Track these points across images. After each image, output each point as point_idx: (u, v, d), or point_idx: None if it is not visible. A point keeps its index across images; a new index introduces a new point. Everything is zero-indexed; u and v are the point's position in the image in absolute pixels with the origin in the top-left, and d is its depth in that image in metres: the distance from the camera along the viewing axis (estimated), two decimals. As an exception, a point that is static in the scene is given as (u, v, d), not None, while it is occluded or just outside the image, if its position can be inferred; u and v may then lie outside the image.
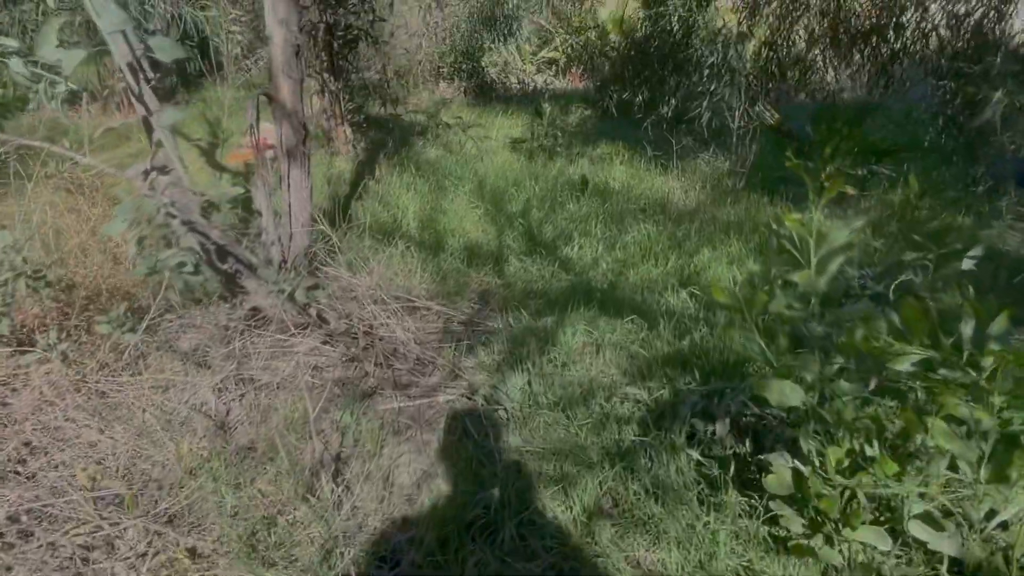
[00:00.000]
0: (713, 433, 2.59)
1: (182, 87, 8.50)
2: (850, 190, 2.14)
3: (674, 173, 6.50)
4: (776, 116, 6.08)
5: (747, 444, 2.53)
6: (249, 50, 8.99)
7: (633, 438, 2.71)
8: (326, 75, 6.31)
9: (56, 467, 2.58)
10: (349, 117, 6.65)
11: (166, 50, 2.86)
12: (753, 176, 6.33)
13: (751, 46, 6.14)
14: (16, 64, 2.76)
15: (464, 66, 9.69)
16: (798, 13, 5.96)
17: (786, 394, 2.03)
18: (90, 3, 2.72)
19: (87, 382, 2.92)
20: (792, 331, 2.13)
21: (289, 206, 3.57)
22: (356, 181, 5.64)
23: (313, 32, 5.94)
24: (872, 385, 2.01)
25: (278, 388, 3.14)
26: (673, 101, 6.85)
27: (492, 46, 9.77)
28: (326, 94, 6.54)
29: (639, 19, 7.91)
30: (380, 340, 3.53)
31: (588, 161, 6.97)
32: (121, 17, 2.68)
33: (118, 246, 3.45)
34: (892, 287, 2.47)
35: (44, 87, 2.87)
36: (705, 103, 5.70)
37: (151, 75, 2.99)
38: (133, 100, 2.99)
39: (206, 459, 2.60)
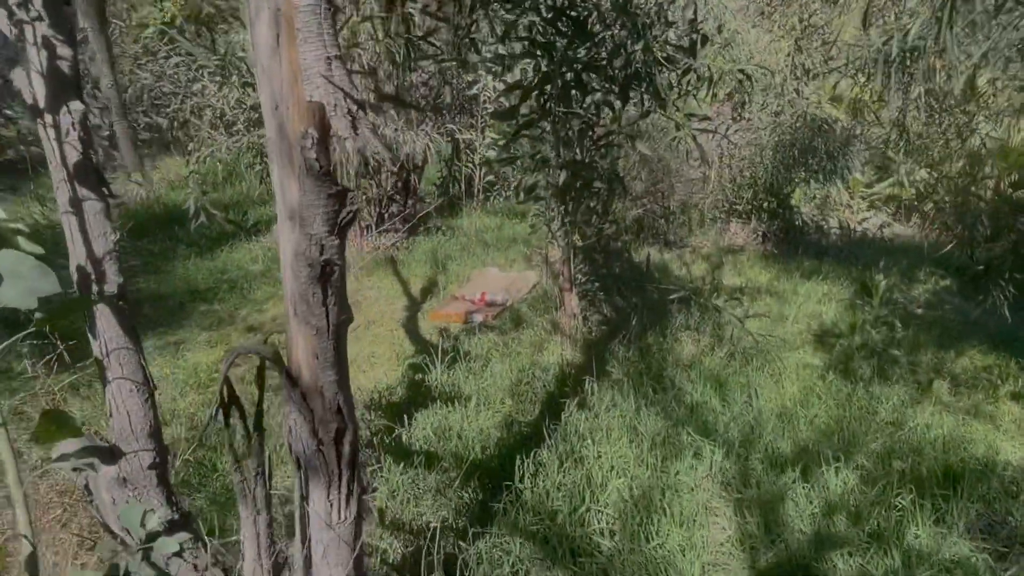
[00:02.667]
0: None
1: (436, 212, 7.71)
2: None
3: None
4: None
5: None
6: (500, 177, 7.96)
7: None
8: (554, 228, 4.72)
9: None
10: (581, 282, 4.95)
11: (38, 287, 1.31)
12: None
13: None
14: None
15: (766, 204, 7.47)
16: None
17: None
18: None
19: None
20: None
21: (306, 560, 1.84)
22: (553, 394, 3.81)
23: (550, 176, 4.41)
24: None
25: None
26: None
27: (809, 180, 7.40)
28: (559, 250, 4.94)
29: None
30: None
31: (948, 386, 4.25)
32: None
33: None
34: None
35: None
36: None
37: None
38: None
39: None
